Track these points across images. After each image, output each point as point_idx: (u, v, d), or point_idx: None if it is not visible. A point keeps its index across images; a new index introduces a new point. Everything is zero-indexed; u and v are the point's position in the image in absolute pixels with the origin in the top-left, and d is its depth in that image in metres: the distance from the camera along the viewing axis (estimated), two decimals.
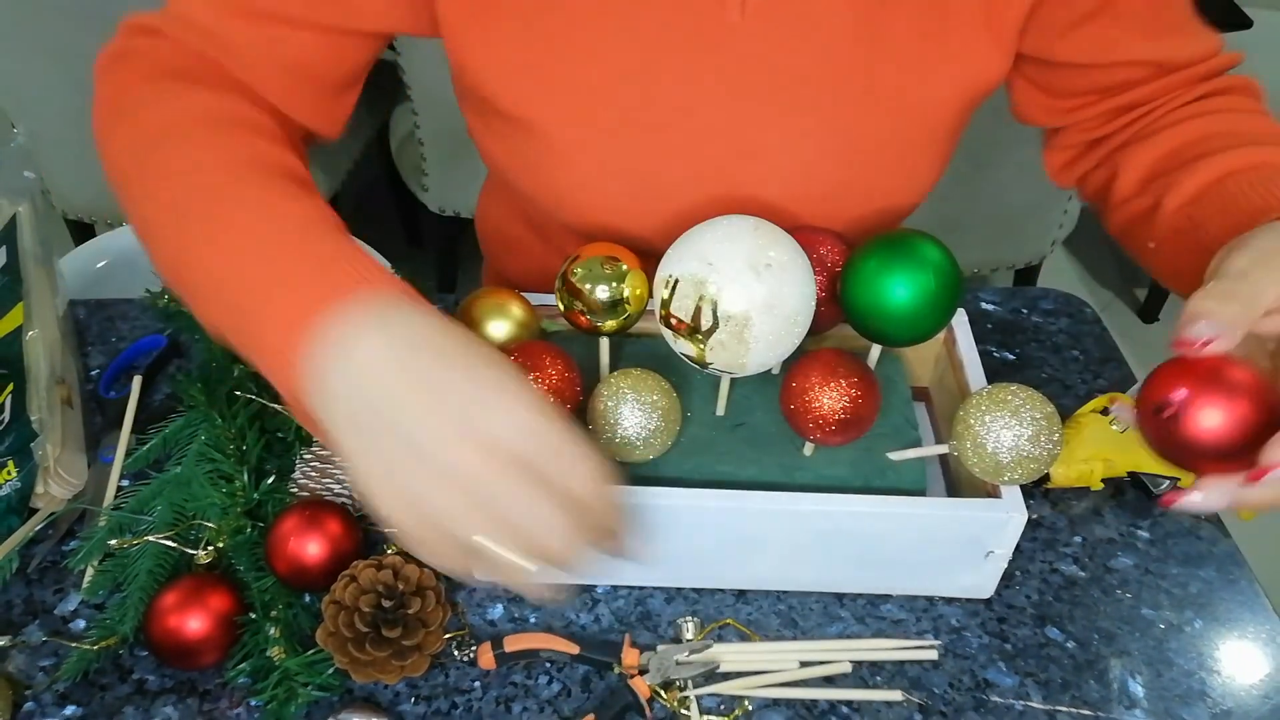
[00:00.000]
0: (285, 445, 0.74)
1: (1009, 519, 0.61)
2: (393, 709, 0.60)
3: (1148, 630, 0.66)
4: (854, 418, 0.61)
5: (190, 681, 0.61)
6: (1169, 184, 0.67)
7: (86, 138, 0.67)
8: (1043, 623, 0.66)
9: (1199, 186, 0.64)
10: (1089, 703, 0.62)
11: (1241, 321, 0.48)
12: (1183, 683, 0.63)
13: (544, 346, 0.63)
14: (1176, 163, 0.68)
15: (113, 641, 0.62)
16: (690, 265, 0.59)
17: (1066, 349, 0.86)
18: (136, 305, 0.88)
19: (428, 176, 1.77)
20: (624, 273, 0.64)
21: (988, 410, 0.58)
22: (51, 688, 0.61)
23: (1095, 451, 0.71)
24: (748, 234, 0.59)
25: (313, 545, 0.63)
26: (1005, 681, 0.63)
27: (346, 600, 0.60)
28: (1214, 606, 0.67)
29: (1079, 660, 0.64)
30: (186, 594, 0.60)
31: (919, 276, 0.60)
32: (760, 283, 0.58)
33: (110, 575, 0.65)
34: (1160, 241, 0.67)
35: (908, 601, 0.67)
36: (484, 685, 0.62)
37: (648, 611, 0.66)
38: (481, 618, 0.65)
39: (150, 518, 0.68)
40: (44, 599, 0.66)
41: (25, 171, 0.85)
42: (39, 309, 0.78)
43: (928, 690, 0.62)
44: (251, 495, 0.69)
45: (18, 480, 0.68)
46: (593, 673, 0.62)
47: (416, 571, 0.62)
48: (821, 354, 0.62)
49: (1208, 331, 0.48)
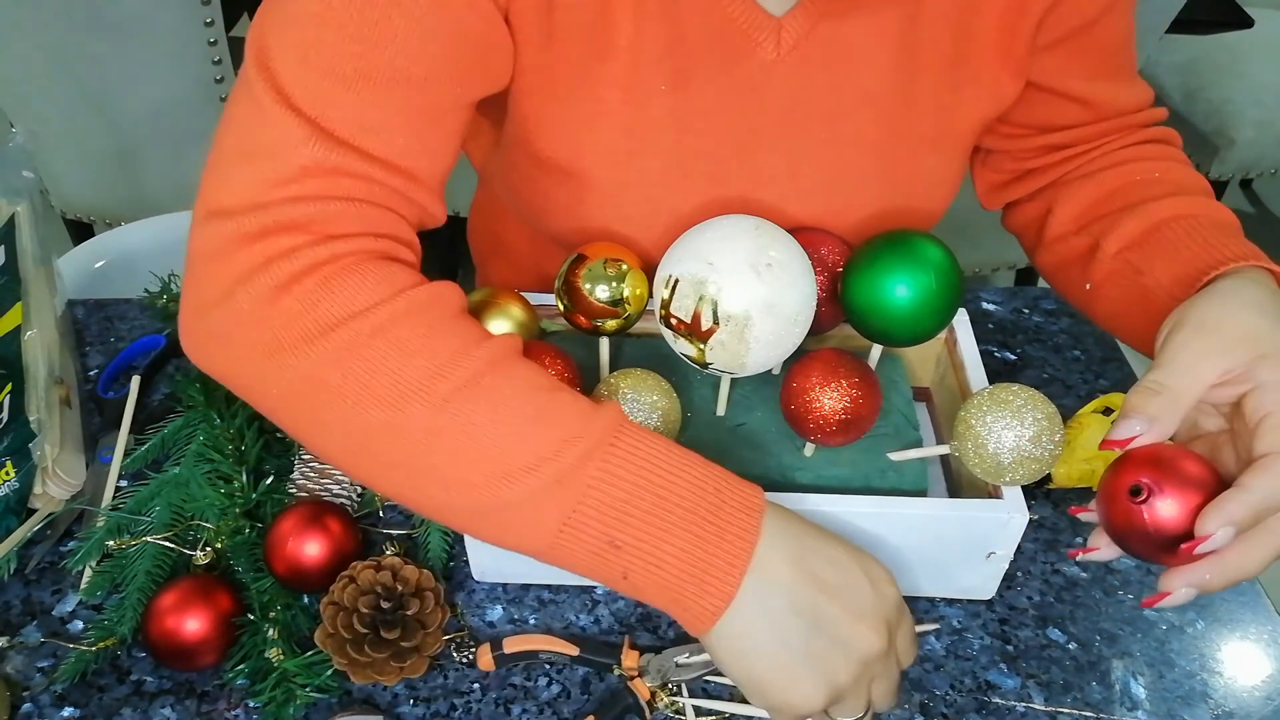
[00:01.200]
0: (284, 445, 0.74)
1: (1010, 520, 0.61)
2: (391, 710, 0.60)
3: (1149, 631, 0.66)
4: (854, 418, 0.61)
5: (188, 683, 0.61)
6: (1108, 226, 0.68)
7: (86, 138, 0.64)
8: (1044, 624, 0.66)
9: (1139, 231, 0.66)
10: (1091, 704, 0.62)
11: (1168, 415, 0.51)
12: (1185, 684, 0.63)
13: (544, 346, 0.63)
14: (1117, 205, 0.69)
15: (111, 642, 0.62)
16: (690, 265, 0.59)
17: (1068, 349, 0.86)
18: (135, 305, 0.88)
19: None
20: (624, 273, 0.64)
21: (989, 410, 0.57)
22: (49, 689, 0.61)
23: (1097, 452, 0.71)
24: (748, 234, 0.59)
25: (311, 546, 0.62)
26: (1007, 683, 0.63)
27: (345, 601, 0.60)
28: (1215, 607, 0.67)
29: (1081, 661, 0.64)
30: (185, 595, 0.60)
31: (919, 276, 0.60)
32: (760, 283, 0.57)
33: (108, 576, 0.65)
34: (1098, 284, 0.68)
35: (909, 602, 0.66)
36: (483, 687, 0.61)
37: (648, 613, 0.65)
38: (480, 619, 0.65)
39: (149, 518, 0.68)
40: (42, 600, 0.66)
41: (24, 171, 0.84)
42: (37, 309, 0.78)
43: (929, 691, 0.62)
44: (250, 496, 0.69)
45: (16, 481, 0.68)
46: (592, 674, 0.62)
47: (415, 573, 0.62)
48: (822, 354, 0.62)
49: (1130, 431, 0.51)
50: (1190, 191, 0.67)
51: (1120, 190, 0.69)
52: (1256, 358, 0.51)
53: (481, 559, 0.66)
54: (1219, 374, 0.51)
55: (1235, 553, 0.48)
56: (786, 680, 0.49)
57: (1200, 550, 0.47)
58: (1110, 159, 0.72)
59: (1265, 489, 0.47)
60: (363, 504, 0.71)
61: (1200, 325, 0.53)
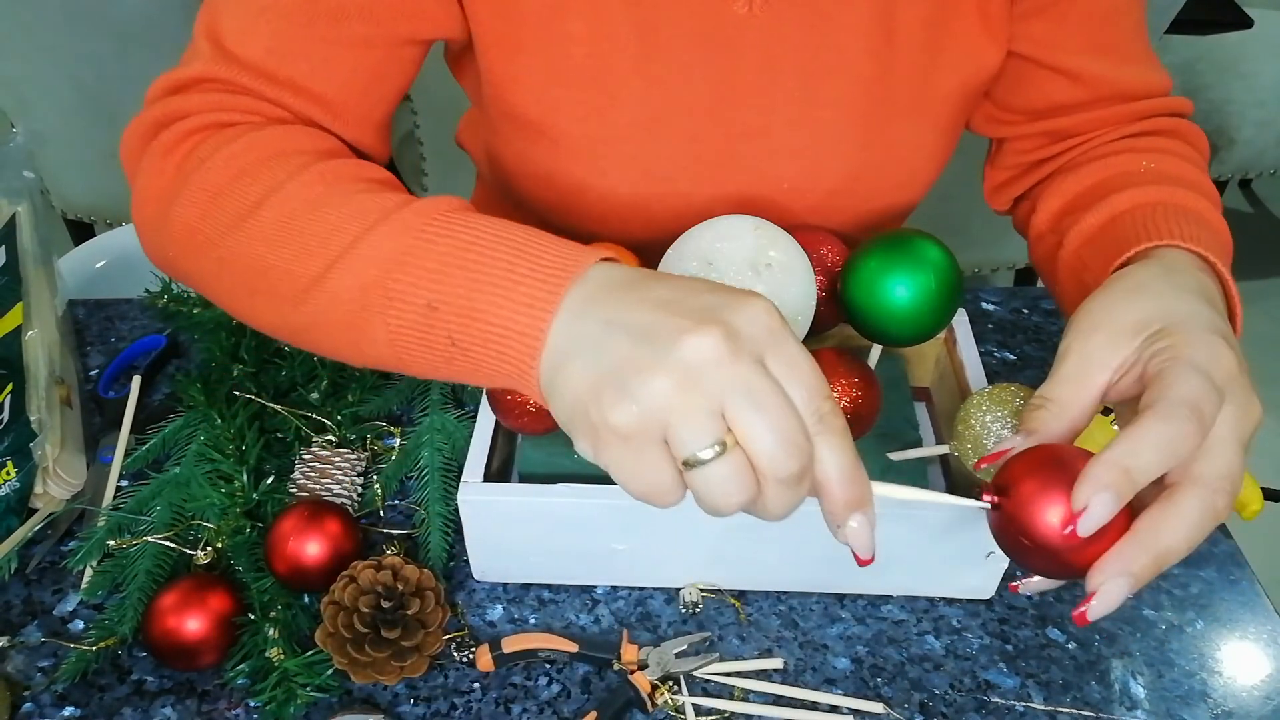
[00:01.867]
0: (285, 445, 0.74)
1: None
2: (392, 710, 0.60)
3: (1149, 631, 0.66)
4: (854, 418, 0.61)
5: (189, 682, 0.61)
6: (1073, 222, 0.64)
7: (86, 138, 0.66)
8: (1044, 623, 0.66)
9: (1095, 226, 0.63)
10: (1090, 704, 0.62)
11: (1050, 428, 0.48)
12: (1184, 683, 0.63)
13: None
14: (1087, 201, 0.65)
15: (111, 642, 0.62)
16: (690, 265, 0.59)
17: None
18: (136, 305, 0.88)
19: (427, 176, 1.76)
20: None
21: (988, 410, 0.57)
22: (50, 688, 0.61)
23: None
24: (748, 233, 0.59)
25: (312, 546, 0.62)
26: (1006, 682, 0.63)
27: (346, 601, 0.60)
28: (1215, 607, 0.67)
29: (1080, 661, 0.64)
30: (185, 594, 0.60)
31: (919, 276, 0.60)
32: (760, 283, 0.58)
33: (109, 576, 0.65)
34: (1060, 283, 0.66)
35: (909, 602, 0.67)
36: (483, 686, 0.61)
37: (648, 612, 0.66)
38: (480, 619, 0.65)
39: (149, 518, 0.68)
40: (43, 599, 0.66)
41: (25, 171, 0.84)
42: (38, 309, 0.78)
43: (929, 691, 0.62)
44: (251, 495, 0.69)
45: (17, 480, 0.68)
46: (592, 673, 0.62)
47: (416, 572, 0.62)
48: (821, 354, 0.62)
49: (1004, 447, 0.48)
50: (1168, 182, 0.63)
51: (1100, 184, 0.66)
52: (1144, 340, 0.48)
53: (482, 559, 0.66)
54: (1111, 372, 0.48)
55: (1150, 521, 0.43)
56: (593, 396, 0.39)
57: (1081, 527, 0.42)
58: (1101, 150, 0.69)
59: (1126, 449, 0.43)
60: (363, 504, 0.71)
61: (1083, 328, 0.50)
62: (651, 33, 0.64)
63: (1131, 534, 0.43)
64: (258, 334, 0.78)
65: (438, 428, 0.74)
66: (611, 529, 0.63)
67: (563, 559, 0.65)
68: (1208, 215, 0.60)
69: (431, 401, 0.76)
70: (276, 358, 0.79)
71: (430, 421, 0.74)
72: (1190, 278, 0.52)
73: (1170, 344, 0.47)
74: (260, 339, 0.79)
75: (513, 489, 0.62)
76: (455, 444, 0.73)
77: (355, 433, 0.75)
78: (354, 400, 0.76)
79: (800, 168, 0.70)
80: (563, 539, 0.64)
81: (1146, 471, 0.43)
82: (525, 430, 0.64)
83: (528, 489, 0.61)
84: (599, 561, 0.65)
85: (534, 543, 0.64)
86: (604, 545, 0.64)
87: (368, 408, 0.76)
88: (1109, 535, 0.43)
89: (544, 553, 0.65)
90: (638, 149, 0.68)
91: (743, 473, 0.39)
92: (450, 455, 0.72)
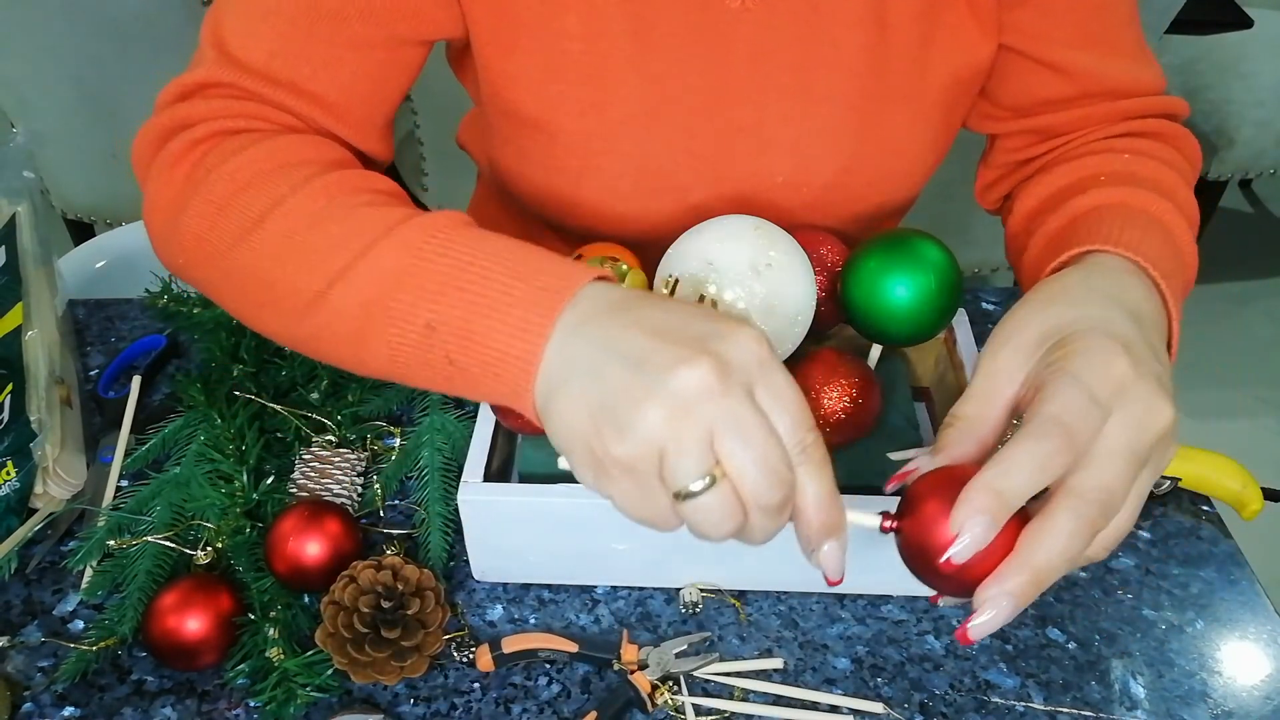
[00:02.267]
0: (285, 445, 0.74)
1: None
2: (392, 710, 0.60)
3: (1149, 631, 0.66)
4: (854, 418, 0.61)
5: (189, 682, 0.61)
6: (1040, 224, 0.63)
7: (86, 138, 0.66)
8: (1044, 623, 0.66)
9: (1056, 229, 0.61)
10: (1090, 704, 0.62)
11: (957, 446, 0.47)
12: (1184, 683, 0.63)
13: None
14: (1054, 203, 0.64)
15: (111, 642, 0.62)
16: (691, 265, 0.59)
17: None
18: (136, 305, 0.88)
19: (427, 176, 1.77)
20: (624, 272, 0.64)
21: None
22: (50, 688, 0.61)
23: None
24: (748, 234, 0.59)
25: (312, 546, 0.62)
26: (1006, 682, 0.63)
27: (346, 601, 0.60)
28: (1215, 607, 0.67)
29: (1080, 661, 0.64)
30: (185, 594, 0.60)
31: (919, 276, 0.60)
32: (760, 283, 0.58)
33: (109, 576, 0.65)
34: (1025, 288, 0.63)
35: (908, 602, 0.67)
36: (483, 686, 0.61)
37: (648, 612, 0.66)
38: (480, 619, 0.65)
39: (149, 518, 0.68)
40: (43, 599, 0.66)
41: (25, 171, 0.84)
42: (38, 309, 0.78)
43: (929, 691, 0.62)
44: (251, 495, 0.69)
45: (17, 480, 0.68)
46: (592, 673, 0.62)
47: (416, 572, 0.62)
48: (821, 354, 0.62)
49: (910, 467, 0.48)
50: (1136, 184, 0.61)
51: (1070, 186, 0.65)
52: (1046, 351, 0.46)
53: (481, 559, 0.66)
54: (1017, 386, 0.47)
55: (1025, 539, 0.42)
56: (593, 429, 0.41)
57: (955, 554, 0.41)
58: (1079, 150, 0.68)
59: (998, 470, 0.42)
60: (363, 504, 0.71)
61: (996, 340, 0.48)
62: (646, 28, 0.64)
63: (1013, 553, 0.42)
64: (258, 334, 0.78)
65: (438, 428, 0.74)
66: (611, 529, 0.63)
67: (563, 559, 0.65)
68: (1166, 219, 0.58)
69: (431, 401, 0.76)
70: (276, 358, 0.79)
71: (430, 421, 0.74)
72: (1110, 281, 0.51)
73: (1061, 355, 0.45)
74: (260, 339, 0.79)
75: (513, 489, 0.62)
76: (455, 444, 0.73)
77: (355, 433, 0.75)
78: (354, 400, 0.76)
79: (795, 162, 0.70)
80: (563, 539, 0.64)
81: (1018, 492, 0.42)
82: (525, 430, 0.64)
83: (528, 489, 0.61)
84: (599, 561, 0.65)
85: (534, 543, 0.64)
86: (604, 545, 0.64)
87: (368, 408, 0.76)
88: (997, 553, 0.42)
89: (544, 553, 0.65)
90: (634, 144, 0.68)
91: (731, 502, 0.41)
92: (450, 455, 0.72)
